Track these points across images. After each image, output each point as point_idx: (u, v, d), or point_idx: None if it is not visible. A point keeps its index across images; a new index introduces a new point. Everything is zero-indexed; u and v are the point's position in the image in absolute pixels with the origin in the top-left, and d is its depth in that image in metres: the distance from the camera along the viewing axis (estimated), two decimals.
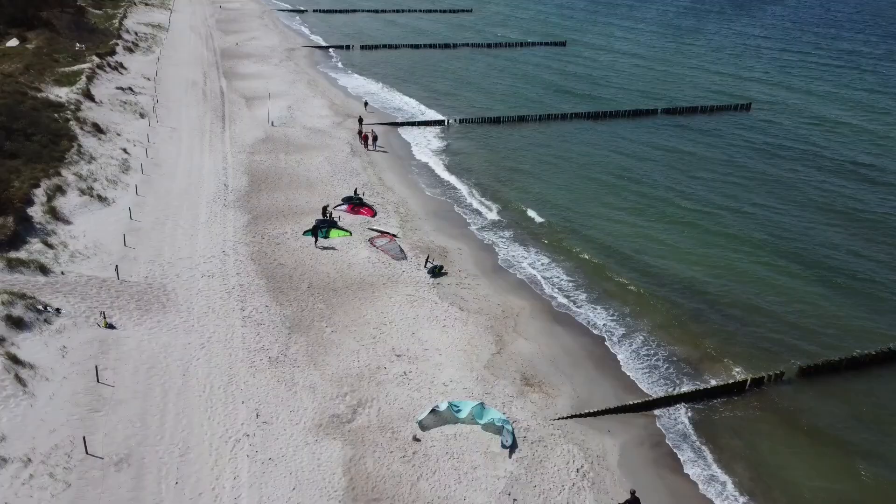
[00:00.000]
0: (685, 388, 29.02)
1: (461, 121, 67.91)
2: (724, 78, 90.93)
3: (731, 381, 29.35)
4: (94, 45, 79.93)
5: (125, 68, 73.95)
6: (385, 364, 28.95)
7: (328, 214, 42.16)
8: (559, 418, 26.63)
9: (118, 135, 53.43)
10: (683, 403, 28.25)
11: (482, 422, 25.38)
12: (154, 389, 26.39)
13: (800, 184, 53.71)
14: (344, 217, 43.07)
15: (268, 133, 59.12)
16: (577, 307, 35.33)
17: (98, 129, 52.39)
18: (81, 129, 51.10)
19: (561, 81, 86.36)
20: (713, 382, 29.50)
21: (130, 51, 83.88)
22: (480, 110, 71.25)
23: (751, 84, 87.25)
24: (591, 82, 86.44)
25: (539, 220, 45.48)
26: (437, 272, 36.71)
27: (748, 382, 29.41)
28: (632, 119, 71.34)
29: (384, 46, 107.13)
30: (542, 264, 39.54)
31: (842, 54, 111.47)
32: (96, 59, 70.98)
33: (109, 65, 71.89)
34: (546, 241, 42.28)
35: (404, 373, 28.43)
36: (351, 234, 40.72)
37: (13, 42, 74.37)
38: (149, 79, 72.26)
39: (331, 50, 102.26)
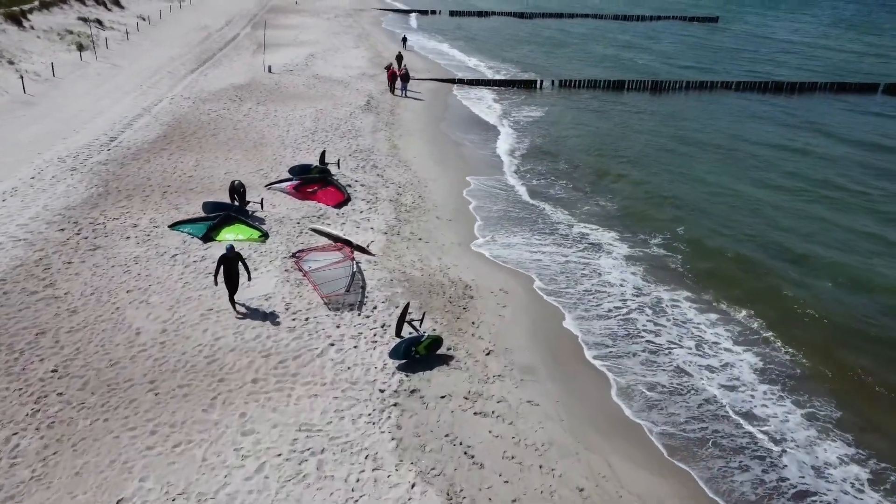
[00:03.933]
0: None
1: (561, 83, 44.33)
2: None
3: None
4: None
5: (120, 6, 56.17)
6: None
7: (239, 198, 20.07)
8: None
9: (10, 63, 34.28)
10: None
11: None
12: None
13: None
14: (278, 204, 20.90)
15: (254, 79, 38.29)
16: None
17: None
18: None
19: (712, 56, 60.51)
20: None
21: None
22: (591, 75, 47.18)
23: None
24: (757, 59, 60.01)
25: (684, 245, 21.32)
26: (420, 350, 13.64)
27: None
28: (836, 94, 44.96)
29: (478, 14, 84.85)
30: (701, 351, 15.43)
31: None
32: None
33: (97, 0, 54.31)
34: (702, 293, 18.07)
35: None
36: (264, 238, 18.45)
37: None
38: (144, 19, 54.02)
39: (410, 14, 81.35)
